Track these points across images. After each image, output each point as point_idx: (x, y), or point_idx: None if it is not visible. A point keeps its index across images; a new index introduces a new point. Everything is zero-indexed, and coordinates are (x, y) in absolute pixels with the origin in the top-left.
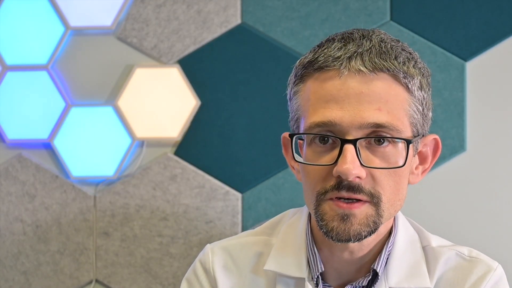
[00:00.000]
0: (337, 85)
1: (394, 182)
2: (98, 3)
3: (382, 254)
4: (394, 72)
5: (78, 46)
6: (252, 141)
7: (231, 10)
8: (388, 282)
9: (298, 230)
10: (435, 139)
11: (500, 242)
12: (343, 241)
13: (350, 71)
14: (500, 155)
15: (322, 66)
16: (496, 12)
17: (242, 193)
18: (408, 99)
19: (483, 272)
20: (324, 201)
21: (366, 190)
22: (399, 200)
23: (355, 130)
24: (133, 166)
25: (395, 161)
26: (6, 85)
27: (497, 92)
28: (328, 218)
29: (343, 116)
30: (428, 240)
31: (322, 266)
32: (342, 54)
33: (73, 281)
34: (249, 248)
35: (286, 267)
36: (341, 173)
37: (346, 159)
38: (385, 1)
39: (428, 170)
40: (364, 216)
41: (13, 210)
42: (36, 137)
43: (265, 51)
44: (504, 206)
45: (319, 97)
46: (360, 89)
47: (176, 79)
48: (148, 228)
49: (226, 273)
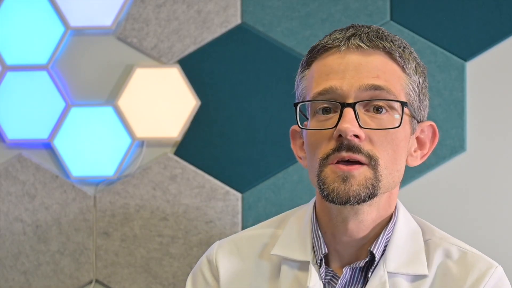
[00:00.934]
0: (337, 59)
1: (391, 149)
2: (98, 3)
3: (379, 238)
4: (390, 50)
5: (78, 46)
6: (252, 141)
7: (231, 10)
8: (386, 267)
9: (305, 219)
10: (432, 126)
11: (500, 242)
12: (343, 202)
13: (349, 47)
14: (500, 155)
15: (324, 46)
16: (496, 12)
17: (242, 193)
18: (404, 78)
19: (486, 268)
20: (326, 166)
21: (365, 152)
22: (397, 171)
23: (354, 93)
24: (133, 166)
25: (391, 127)
26: (6, 85)
27: (497, 92)
28: (330, 181)
29: (343, 82)
30: (431, 233)
31: (325, 248)
32: (342, 36)
33: (73, 281)
34: (254, 239)
35: (291, 252)
36: (341, 131)
37: (345, 118)
38: (385, 1)
39: (427, 156)
40: (363, 178)
41: (13, 210)
42: (36, 137)
43: (265, 51)
44: (504, 206)
45: (321, 72)
46: (359, 61)
47: (176, 79)
48: (148, 228)
49: (228, 261)
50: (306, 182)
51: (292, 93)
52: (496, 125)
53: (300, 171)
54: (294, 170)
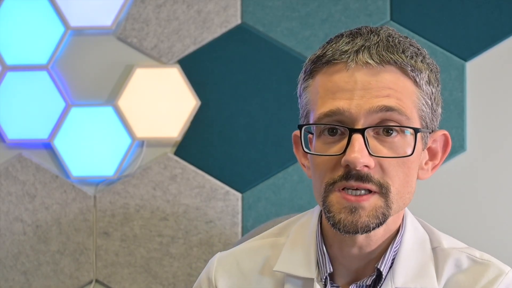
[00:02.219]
0: (344, 77)
1: (403, 173)
2: (98, 3)
3: (387, 253)
4: (402, 65)
5: (78, 46)
6: (252, 141)
7: (231, 10)
8: (394, 283)
9: (309, 230)
10: (445, 135)
11: (500, 242)
12: (350, 233)
13: (357, 64)
14: (500, 155)
15: (330, 59)
16: (496, 12)
17: (242, 193)
18: (417, 92)
19: (495, 276)
20: (332, 192)
21: (375, 180)
22: (408, 193)
23: (363, 117)
24: (133, 166)
25: (403, 152)
26: (6, 85)
27: (497, 92)
28: (335, 210)
29: (351, 104)
30: (439, 241)
31: (331, 267)
32: (350, 48)
33: (73, 281)
34: (255, 253)
35: (295, 268)
36: (349, 162)
37: (354, 148)
38: (385, 1)
39: (438, 166)
40: (373, 208)
41: (13, 210)
42: (36, 137)
43: (265, 51)
44: (504, 206)
45: (327, 89)
46: (368, 80)
47: (176, 79)
48: (148, 228)
49: (228, 279)
50: (306, 182)
51: (293, 94)
52: (496, 125)
53: (300, 171)
54: (294, 170)
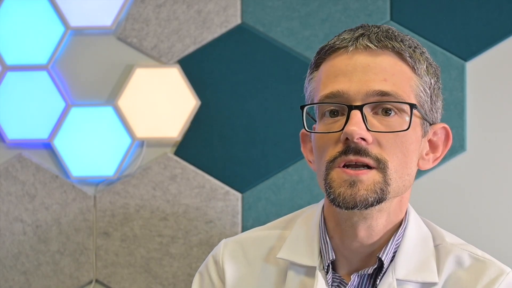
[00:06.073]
0: (344, 59)
1: (401, 152)
2: (98, 3)
3: (389, 244)
4: (400, 50)
5: (78, 46)
6: (252, 141)
7: (231, 10)
8: (395, 274)
9: (312, 222)
10: (445, 128)
11: (500, 242)
12: (349, 207)
13: (357, 48)
14: (500, 155)
15: (332, 47)
16: (496, 12)
17: (242, 193)
18: (414, 79)
19: (496, 275)
20: (332, 169)
21: (373, 155)
22: (407, 174)
23: (361, 98)
24: (133, 166)
25: (400, 129)
26: (6, 85)
27: (497, 92)
28: (336, 185)
29: (350, 86)
30: (442, 238)
31: (333, 254)
32: (351, 36)
33: (73, 281)
34: (261, 242)
35: (298, 256)
36: (347, 134)
37: (352, 121)
38: (385, 1)
39: (440, 159)
40: (372, 182)
41: (13, 210)
42: (36, 137)
43: (265, 51)
44: (504, 206)
45: (329, 74)
46: (367, 62)
47: (176, 79)
48: (148, 228)
49: (234, 264)
50: (306, 182)
51: (293, 94)
52: (496, 125)
53: (300, 171)
54: (294, 170)
